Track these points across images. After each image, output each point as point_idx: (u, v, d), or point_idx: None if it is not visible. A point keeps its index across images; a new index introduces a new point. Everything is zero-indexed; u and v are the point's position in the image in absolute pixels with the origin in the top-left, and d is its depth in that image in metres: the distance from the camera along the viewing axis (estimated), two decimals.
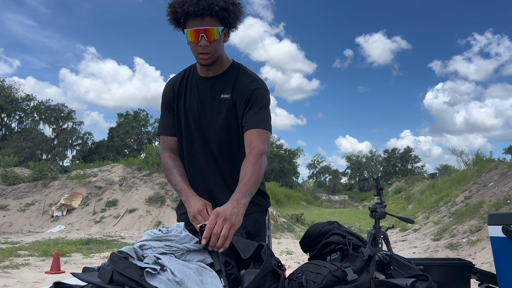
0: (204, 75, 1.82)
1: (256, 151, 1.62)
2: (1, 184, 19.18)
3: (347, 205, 45.53)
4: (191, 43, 1.69)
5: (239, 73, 1.82)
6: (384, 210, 3.98)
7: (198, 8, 1.59)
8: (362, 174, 68.55)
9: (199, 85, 1.82)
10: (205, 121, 1.81)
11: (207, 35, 1.64)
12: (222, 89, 1.79)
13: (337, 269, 1.19)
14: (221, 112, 1.78)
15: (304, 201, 39.65)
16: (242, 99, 1.76)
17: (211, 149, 1.82)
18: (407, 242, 10.56)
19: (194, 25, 1.64)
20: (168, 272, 1.08)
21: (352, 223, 18.50)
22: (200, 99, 1.81)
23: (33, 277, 6.43)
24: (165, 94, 1.90)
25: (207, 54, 1.68)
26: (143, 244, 1.22)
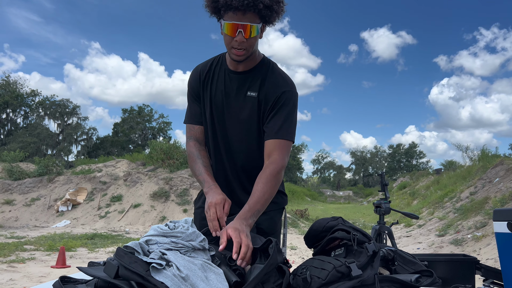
0: (233, 68, 1.75)
1: (273, 168, 1.60)
2: (7, 179, 19.32)
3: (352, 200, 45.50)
4: (226, 36, 1.61)
5: (268, 71, 1.75)
6: (389, 205, 3.97)
7: (242, 3, 1.52)
8: (366, 170, 68.42)
9: (227, 78, 1.76)
10: (228, 116, 1.76)
11: (245, 31, 1.57)
12: (249, 86, 1.73)
13: (341, 265, 1.19)
14: (245, 109, 1.73)
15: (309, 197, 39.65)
16: (269, 100, 1.71)
17: (231, 145, 1.78)
18: (412, 237, 10.55)
19: (234, 18, 1.56)
20: (174, 268, 1.08)
21: (357, 219, 18.50)
22: (225, 93, 1.76)
23: (39, 271, 6.49)
24: (191, 82, 1.84)
25: (241, 50, 1.62)
26: (149, 239, 1.22)
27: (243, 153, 1.78)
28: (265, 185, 1.56)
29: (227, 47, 1.65)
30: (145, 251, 1.16)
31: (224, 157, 1.80)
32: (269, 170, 1.60)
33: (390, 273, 1.36)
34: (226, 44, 1.65)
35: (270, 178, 1.58)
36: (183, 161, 18.46)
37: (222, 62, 1.79)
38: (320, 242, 1.49)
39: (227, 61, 1.77)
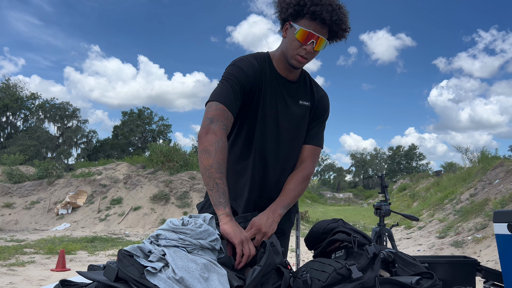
0: (285, 75, 1.75)
1: (306, 173, 1.75)
2: (7, 182, 19.31)
3: (352, 202, 45.47)
4: (295, 41, 1.61)
5: (312, 84, 1.85)
6: (389, 207, 3.97)
7: (329, 18, 1.56)
8: (366, 172, 68.40)
9: (282, 85, 1.75)
10: (281, 121, 1.75)
11: (317, 43, 1.61)
12: (301, 96, 1.79)
13: (342, 267, 1.19)
14: (298, 117, 1.78)
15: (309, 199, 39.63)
16: (318, 111, 1.83)
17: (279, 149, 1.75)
18: (412, 239, 10.54)
19: (311, 27, 1.58)
20: (170, 270, 1.08)
21: (357, 221, 18.48)
22: (280, 100, 1.75)
23: (39, 274, 6.48)
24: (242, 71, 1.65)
25: (305, 59, 1.65)
26: (159, 234, 1.23)
27: (288, 157, 1.78)
28: (296, 185, 1.70)
29: (291, 51, 1.64)
30: (145, 252, 1.16)
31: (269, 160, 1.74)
32: (301, 174, 1.74)
33: (390, 275, 1.35)
34: (292, 49, 1.63)
35: (301, 180, 1.73)
36: (183, 164, 18.46)
37: (271, 66, 1.75)
38: (320, 244, 1.49)
39: (276, 65, 1.74)
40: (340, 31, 1.62)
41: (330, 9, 1.55)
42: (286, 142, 1.77)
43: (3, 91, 41.61)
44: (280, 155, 1.76)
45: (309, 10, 1.55)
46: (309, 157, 1.79)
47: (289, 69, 1.72)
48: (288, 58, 1.66)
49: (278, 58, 1.74)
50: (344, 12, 1.60)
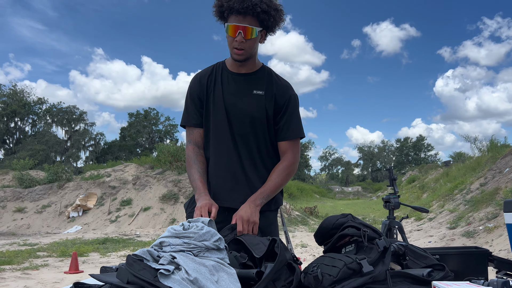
0: (236, 71, 1.90)
1: (286, 163, 1.85)
2: (18, 187, 19.52)
3: (361, 196, 45.34)
4: (228, 37, 1.78)
5: (272, 75, 1.92)
6: (398, 200, 3.95)
7: (242, 6, 1.70)
8: (374, 165, 68.10)
9: (231, 79, 1.90)
10: (234, 114, 1.87)
11: (244, 32, 1.73)
12: (255, 86, 1.88)
13: (352, 262, 1.19)
14: (252, 106, 1.86)
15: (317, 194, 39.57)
16: (279, 101, 1.87)
17: (237, 140, 1.88)
18: (423, 231, 10.49)
19: (235, 21, 1.74)
20: (183, 271, 1.09)
21: (366, 214, 18.43)
22: (232, 92, 1.88)
23: (53, 277, 6.55)
24: (192, 87, 1.96)
25: (241, 50, 1.77)
26: (163, 241, 1.23)
27: (249, 146, 1.88)
28: (277, 176, 1.81)
29: (230, 47, 1.80)
30: (155, 257, 1.16)
31: (231, 150, 1.88)
32: (282, 165, 1.84)
33: (401, 268, 1.35)
34: (229, 45, 1.80)
35: (281, 171, 1.83)
36: None
37: (223, 67, 1.94)
38: (330, 240, 1.49)
39: (229, 65, 1.92)
40: (261, 14, 1.72)
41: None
42: (240, 130, 1.87)
43: (10, 97, 41.97)
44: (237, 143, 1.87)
45: (226, 7, 1.73)
46: (288, 149, 1.88)
47: (238, 64, 1.87)
48: (231, 53, 1.82)
49: (229, 58, 1.92)
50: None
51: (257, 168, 1.87)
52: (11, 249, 10.21)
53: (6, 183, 20.72)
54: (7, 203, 18.17)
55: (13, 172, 21.41)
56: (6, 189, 19.09)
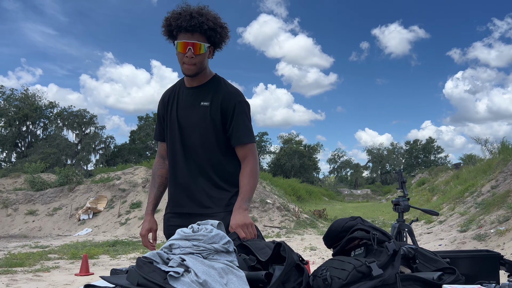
0: (189, 85, 2.02)
1: (250, 167, 1.93)
2: (29, 190, 19.74)
3: (370, 199, 45.04)
4: (179, 54, 1.90)
5: (220, 84, 2.00)
6: (408, 203, 3.92)
7: (190, 24, 1.82)
8: (384, 167, 67.63)
9: (184, 94, 2.03)
10: (185, 126, 2.00)
11: (194, 48, 1.85)
12: (203, 98, 1.98)
13: (361, 265, 1.19)
14: (198, 117, 1.97)
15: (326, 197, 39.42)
16: (225, 108, 1.95)
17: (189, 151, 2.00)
18: (433, 234, 10.38)
19: (184, 38, 1.86)
20: (192, 274, 1.09)
21: (376, 217, 18.30)
22: (184, 106, 2.02)
23: (64, 279, 6.61)
24: (158, 105, 2.16)
25: (191, 65, 1.89)
26: (172, 243, 1.24)
27: (199, 155, 1.98)
28: (249, 179, 1.90)
29: (180, 63, 1.93)
30: (164, 259, 1.17)
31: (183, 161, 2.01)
32: (247, 169, 1.93)
33: (411, 272, 1.34)
34: (179, 61, 1.92)
35: (248, 175, 1.91)
36: None
37: (181, 83, 2.09)
38: (339, 242, 1.49)
39: (185, 80, 2.05)
40: (207, 31, 1.86)
41: (188, 17, 1.82)
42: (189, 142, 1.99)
43: (22, 101, 42.51)
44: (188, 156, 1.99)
45: (175, 26, 1.85)
46: (246, 154, 1.96)
47: (190, 79, 1.99)
48: (182, 69, 1.95)
49: None
50: (207, 15, 1.85)
51: (209, 176, 1.96)
52: (23, 251, 10.32)
53: (18, 186, 20.97)
54: (19, 206, 18.39)
55: (25, 175, 21.66)
56: (18, 192, 19.32)
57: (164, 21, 1.91)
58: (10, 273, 7.05)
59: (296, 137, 57.93)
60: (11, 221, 17.52)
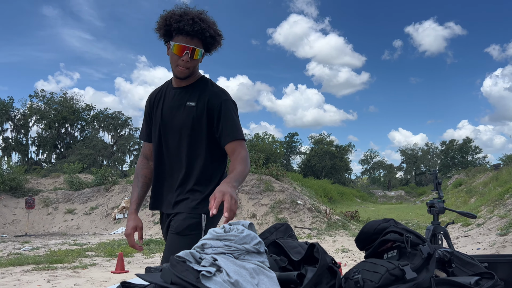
0: (176, 85, 2.03)
1: (242, 155, 1.87)
2: (68, 189, 20.52)
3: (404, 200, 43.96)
4: (173, 55, 1.89)
5: (206, 85, 2.00)
6: (443, 205, 3.81)
7: (192, 29, 1.82)
8: (418, 168, 65.84)
9: (171, 94, 2.04)
10: (170, 126, 2.00)
11: (191, 53, 1.86)
12: (189, 98, 1.97)
13: (394, 268, 1.17)
14: (183, 117, 1.96)
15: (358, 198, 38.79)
16: (211, 108, 1.93)
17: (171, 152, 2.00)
18: (471, 237, 10.02)
19: (183, 41, 1.85)
20: (224, 273, 1.11)
21: (410, 219, 17.85)
22: (170, 107, 2.01)
23: (100, 276, 6.83)
24: (146, 105, 2.16)
25: (185, 69, 1.90)
26: (204, 243, 1.26)
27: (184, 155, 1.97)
28: (240, 164, 1.82)
29: (173, 64, 1.92)
30: (197, 258, 1.19)
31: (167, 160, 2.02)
32: (240, 157, 1.86)
33: (447, 276, 1.31)
34: (172, 63, 1.91)
35: (242, 160, 1.84)
36: None
37: (169, 83, 2.09)
38: (371, 245, 1.47)
39: (173, 81, 2.05)
40: (207, 39, 1.87)
41: (191, 22, 1.81)
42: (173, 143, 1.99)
43: (61, 104, 44.27)
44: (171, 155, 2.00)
45: (175, 27, 1.83)
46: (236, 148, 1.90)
47: (178, 80, 1.99)
48: (173, 70, 1.94)
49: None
50: (207, 21, 1.86)
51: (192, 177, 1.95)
52: (62, 248, 10.74)
53: (58, 185, 21.82)
54: (59, 205, 19.14)
55: (64, 175, 22.53)
56: (58, 192, 20.11)
57: (162, 20, 1.88)
58: (50, 269, 7.35)
59: (327, 137, 57.37)
60: (52, 220, 18.25)
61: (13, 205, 17.96)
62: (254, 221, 14.66)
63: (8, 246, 11.54)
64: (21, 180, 19.45)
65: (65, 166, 24.76)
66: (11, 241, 13.00)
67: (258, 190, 16.23)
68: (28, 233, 15.82)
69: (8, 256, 9.21)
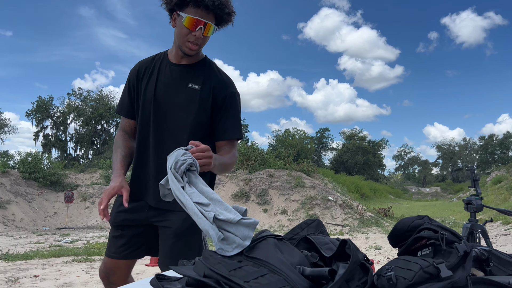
0: (176, 61, 1.81)
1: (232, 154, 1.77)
2: (104, 184, 21.19)
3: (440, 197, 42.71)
4: (183, 29, 1.66)
5: (211, 69, 1.83)
6: (481, 202, 3.68)
7: (212, 3, 1.62)
8: (455, 164, 63.78)
9: (167, 70, 1.81)
10: (165, 106, 1.78)
11: (205, 28, 1.66)
12: (191, 79, 1.78)
13: (429, 265, 1.14)
14: (185, 99, 1.77)
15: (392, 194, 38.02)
16: (217, 97, 1.77)
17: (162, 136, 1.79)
18: (511, 236, 9.63)
19: (197, 14, 1.64)
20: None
21: (446, 217, 17.35)
22: (165, 84, 1.79)
23: (136, 269, 7.03)
24: (130, 75, 1.89)
25: (196, 45, 1.70)
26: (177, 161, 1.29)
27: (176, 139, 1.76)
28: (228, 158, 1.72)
29: (182, 39, 1.69)
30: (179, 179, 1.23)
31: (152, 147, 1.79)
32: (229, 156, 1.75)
33: (484, 275, 1.27)
34: (181, 36, 1.69)
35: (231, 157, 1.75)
36: (261, 162, 18.77)
37: (164, 57, 1.85)
38: (405, 242, 1.45)
39: (170, 55, 1.82)
40: (224, 15, 1.67)
41: None
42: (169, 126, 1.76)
43: (97, 102, 45.74)
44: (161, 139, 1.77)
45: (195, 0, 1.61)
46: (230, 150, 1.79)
47: (182, 56, 1.77)
48: (180, 46, 1.71)
49: (172, 47, 1.80)
50: None
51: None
52: (99, 241, 11.12)
53: (95, 180, 22.59)
54: (96, 199, 19.80)
55: (100, 171, 23.29)
56: (95, 186, 20.82)
57: None
58: (89, 261, 7.64)
59: (359, 132, 56.47)
60: (89, 213, 18.93)
61: (53, 199, 18.75)
62: (285, 217, 14.68)
63: (49, 238, 12.06)
64: (61, 175, 20.25)
65: (101, 162, 25.58)
66: (52, 234, 13.59)
67: (289, 186, 16.20)
68: (67, 226, 16.49)
69: (50, 247, 9.63)
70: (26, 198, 17.43)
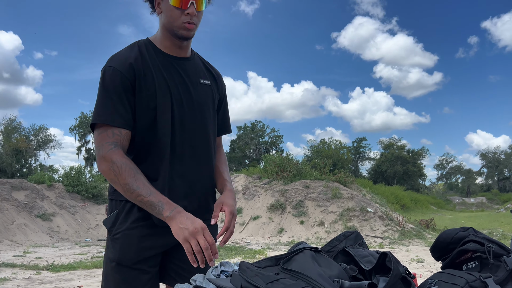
0: (176, 54, 1.58)
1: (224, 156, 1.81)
2: None
3: (486, 208, 40.76)
4: (173, 11, 1.47)
5: (203, 60, 1.73)
6: None
7: None
8: (501, 173, 60.76)
9: (175, 64, 1.56)
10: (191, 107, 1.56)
11: (197, 3, 1.48)
12: (200, 74, 1.63)
13: (475, 280, 1.09)
14: (205, 97, 1.61)
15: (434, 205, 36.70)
16: (221, 91, 1.75)
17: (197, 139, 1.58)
18: None
19: None
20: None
21: (493, 228, 16.51)
22: (179, 82, 1.55)
23: None
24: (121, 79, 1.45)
25: (193, 24, 1.50)
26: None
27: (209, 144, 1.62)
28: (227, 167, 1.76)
29: (175, 22, 1.48)
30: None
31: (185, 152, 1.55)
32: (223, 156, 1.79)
33: None
34: (174, 20, 1.48)
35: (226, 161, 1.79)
36: (296, 173, 18.65)
37: (155, 48, 1.55)
38: (449, 255, 1.39)
39: (162, 46, 1.56)
40: None
41: None
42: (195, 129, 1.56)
43: None
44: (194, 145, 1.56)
45: None
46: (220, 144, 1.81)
47: (178, 45, 1.55)
48: (175, 30, 1.50)
49: (162, 38, 1.55)
50: None
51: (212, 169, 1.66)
52: None
53: None
54: None
55: None
56: None
57: None
58: None
59: (398, 141, 55.01)
60: None
61: (95, 211, 19.39)
62: (322, 229, 14.47)
63: (92, 249, 12.46)
64: (102, 188, 20.92)
65: None
66: (94, 245, 14.03)
67: (326, 197, 15.98)
68: None
69: (92, 258, 9.94)
70: (70, 211, 18.14)
